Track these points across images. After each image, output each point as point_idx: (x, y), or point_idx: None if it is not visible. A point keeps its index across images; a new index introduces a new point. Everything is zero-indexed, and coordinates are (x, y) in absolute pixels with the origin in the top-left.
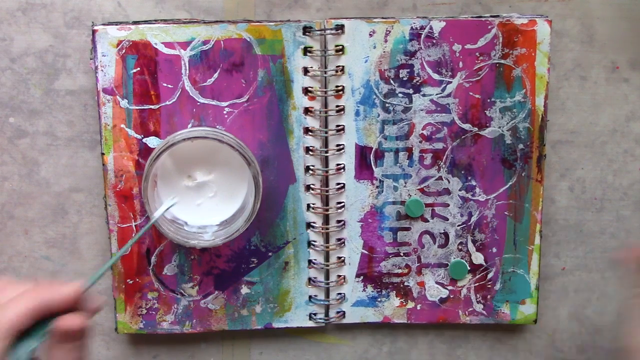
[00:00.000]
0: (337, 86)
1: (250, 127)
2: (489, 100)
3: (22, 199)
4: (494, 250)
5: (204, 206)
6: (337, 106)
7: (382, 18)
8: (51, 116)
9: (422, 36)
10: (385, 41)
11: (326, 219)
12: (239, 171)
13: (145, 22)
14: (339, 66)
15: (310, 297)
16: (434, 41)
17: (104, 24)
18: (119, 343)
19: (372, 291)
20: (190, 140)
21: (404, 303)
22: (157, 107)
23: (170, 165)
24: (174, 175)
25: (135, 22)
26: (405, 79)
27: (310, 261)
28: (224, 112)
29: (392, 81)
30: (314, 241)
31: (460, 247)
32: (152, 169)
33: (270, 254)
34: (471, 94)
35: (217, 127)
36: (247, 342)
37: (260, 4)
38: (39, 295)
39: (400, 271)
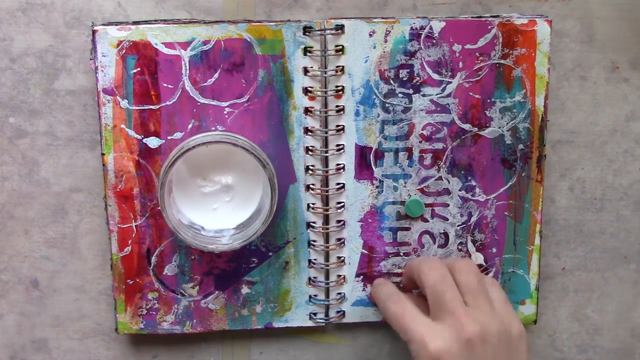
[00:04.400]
0: (337, 86)
1: (251, 127)
2: (489, 101)
3: (22, 199)
4: (494, 250)
5: (220, 210)
6: (337, 106)
7: (382, 18)
8: (51, 116)
9: (422, 36)
10: (385, 41)
11: (326, 219)
12: (254, 174)
13: (146, 22)
14: (339, 66)
15: (310, 296)
16: (434, 41)
17: (104, 24)
18: (119, 343)
19: None
20: (205, 146)
21: None
22: (158, 107)
23: (185, 171)
24: (189, 180)
25: (135, 22)
26: (405, 79)
27: (310, 261)
28: (224, 112)
29: (392, 81)
30: (314, 241)
31: (460, 247)
32: (167, 176)
33: (270, 253)
34: (471, 94)
35: (219, 127)
36: (247, 342)
37: (260, 4)
38: None
39: (400, 271)
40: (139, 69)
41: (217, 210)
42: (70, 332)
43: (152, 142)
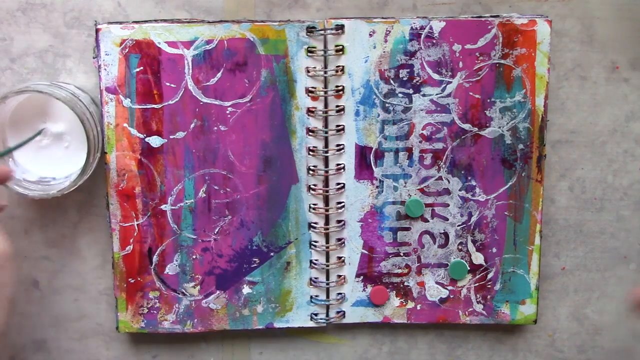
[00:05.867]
0: (337, 86)
1: (253, 127)
2: (489, 100)
3: (22, 199)
4: (494, 250)
5: (63, 157)
6: (337, 106)
7: (382, 18)
8: None
9: (422, 36)
10: (385, 41)
11: (327, 219)
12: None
13: (145, 22)
14: (339, 66)
15: (311, 297)
16: (434, 41)
17: (107, 23)
18: (119, 343)
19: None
20: (3, 102)
21: (404, 303)
22: (160, 106)
23: (18, 129)
24: (24, 136)
25: (135, 22)
26: (405, 79)
27: (311, 261)
28: (227, 112)
29: (392, 81)
30: (315, 241)
31: (460, 247)
32: None
33: (272, 254)
34: (471, 94)
35: (221, 127)
36: (247, 342)
37: (260, 4)
38: None
39: (400, 271)
40: (141, 67)
41: (60, 158)
42: (70, 332)
43: (155, 141)
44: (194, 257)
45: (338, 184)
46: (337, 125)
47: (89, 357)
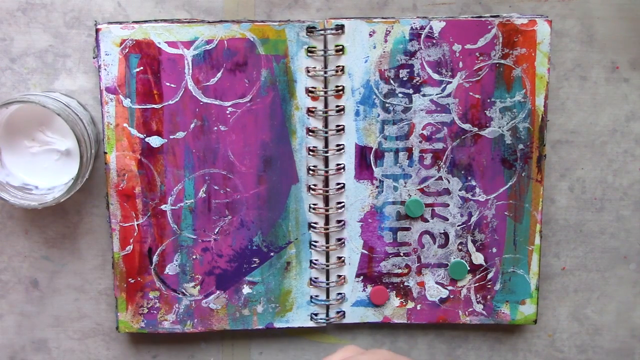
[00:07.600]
0: (337, 86)
1: (253, 127)
2: (489, 100)
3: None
4: (494, 250)
5: (51, 168)
6: (337, 106)
7: (382, 18)
8: None
9: (422, 36)
10: (385, 41)
11: (327, 219)
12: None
13: (145, 22)
14: (339, 66)
15: (311, 297)
16: (434, 41)
17: (107, 23)
18: (119, 343)
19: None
20: (5, 107)
21: (404, 303)
22: (160, 106)
23: (11, 132)
24: (16, 140)
25: (135, 22)
26: (405, 79)
27: (311, 261)
28: (227, 112)
29: (392, 81)
30: (316, 241)
31: (460, 247)
32: None
33: (272, 254)
34: (471, 94)
35: (221, 127)
36: (247, 342)
37: (260, 4)
38: None
39: (400, 271)
40: (141, 67)
41: (48, 169)
42: (70, 332)
43: (155, 141)
44: (194, 257)
45: (338, 184)
46: (337, 125)
47: (89, 357)
